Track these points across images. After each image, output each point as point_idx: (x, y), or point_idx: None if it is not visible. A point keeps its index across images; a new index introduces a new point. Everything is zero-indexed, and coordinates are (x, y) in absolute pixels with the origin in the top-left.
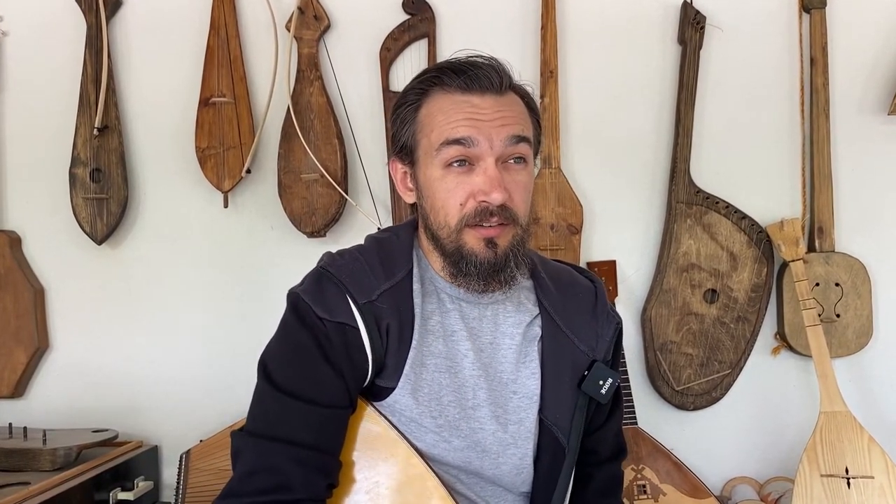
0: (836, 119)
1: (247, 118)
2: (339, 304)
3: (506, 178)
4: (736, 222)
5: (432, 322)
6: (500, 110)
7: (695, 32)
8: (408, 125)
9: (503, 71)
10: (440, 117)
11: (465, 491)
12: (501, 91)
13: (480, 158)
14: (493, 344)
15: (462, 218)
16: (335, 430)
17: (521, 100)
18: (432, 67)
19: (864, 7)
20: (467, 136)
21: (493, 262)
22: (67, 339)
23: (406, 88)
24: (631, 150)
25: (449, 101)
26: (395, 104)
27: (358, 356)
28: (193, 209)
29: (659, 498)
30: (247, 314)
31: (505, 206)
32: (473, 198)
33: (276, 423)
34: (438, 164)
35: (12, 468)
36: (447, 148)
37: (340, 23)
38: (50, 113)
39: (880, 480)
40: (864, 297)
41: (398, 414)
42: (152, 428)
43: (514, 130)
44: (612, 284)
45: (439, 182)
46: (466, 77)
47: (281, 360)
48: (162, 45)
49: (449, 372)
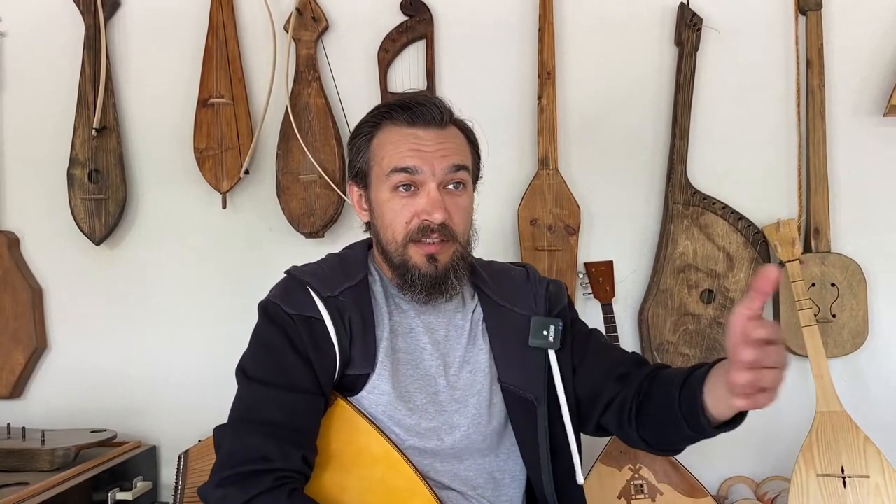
0: (832, 120)
1: (245, 119)
2: (304, 300)
3: (447, 200)
4: (732, 223)
5: (394, 320)
6: (441, 142)
7: (691, 34)
8: (362, 153)
9: (444, 108)
10: (389, 147)
11: (440, 478)
12: (443, 125)
13: (424, 184)
14: (448, 336)
15: (407, 234)
16: (308, 414)
17: (462, 133)
18: (383, 104)
19: (859, 9)
20: (412, 165)
21: (435, 276)
22: (66, 340)
23: (361, 121)
24: (628, 152)
25: (397, 134)
26: (351, 135)
27: (325, 346)
28: (192, 210)
29: (656, 497)
30: (245, 314)
31: (445, 225)
32: (417, 217)
33: (251, 408)
34: (387, 188)
35: (11, 468)
36: (395, 175)
37: (339, 24)
38: (48, 113)
39: (876, 480)
40: (859, 297)
41: (377, 399)
42: (151, 428)
43: (453, 160)
44: (610, 285)
45: (388, 204)
46: (412, 113)
47: (254, 359)
48: (160, 45)
49: (411, 364)
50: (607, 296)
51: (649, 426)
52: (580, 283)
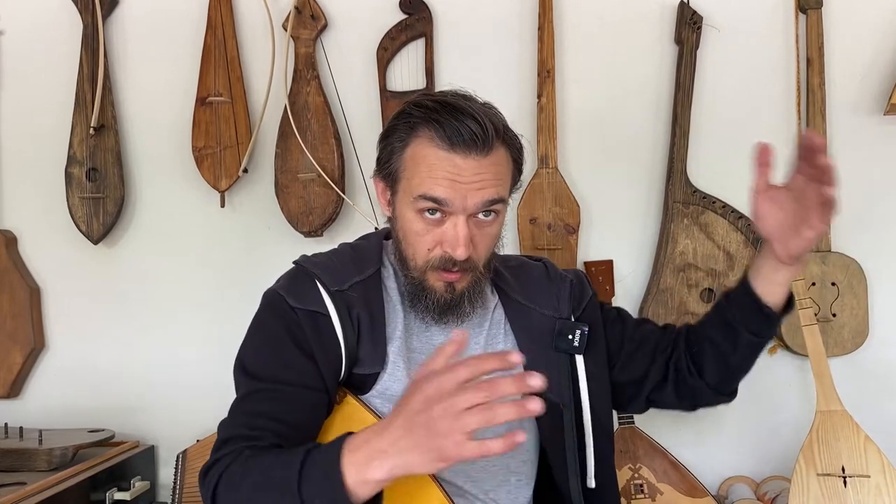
0: (833, 119)
1: (244, 118)
2: (310, 294)
3: (474, 231)
4: (733, 222)
5: (408, 319)
6: (479, 173)
7: (691, 32)
8: (394, 159)
9: (490, 128)
10: (423, 168)
11: (452, 478)
12: (486, 149)
13: (452, 214)
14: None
15: (428, 261)
16: (310, 411)
17: (507, 152)
18: (423, 104)
19: (860, 8)
20: (444, 197)
21: (450, 301)
22: (63, 339)
23: (398, 116)
24: (628, 150)
25: (433, 155)
26: (387, 127)
27: (330, 343)
28: (190, 209)
29: (656, 497)
30: (243, 313)
31: (467, 259)
32: (440, 246)
33: (251, 401)
34: (412, 208)
35: (8, 468)
36: (424, 201)
37: (337, 22)
38: (46, 112)
39: (876, 479)
40: (859, 296)
41: (389, 400)
42: (149, 428)
43: (488, 195)
44: (610, 284)
45: (411, 223)
46: (454, 132)
47: (253, 351)
48: (158, 44)
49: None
50: (607, 295)
51: (712, 366)
52: None
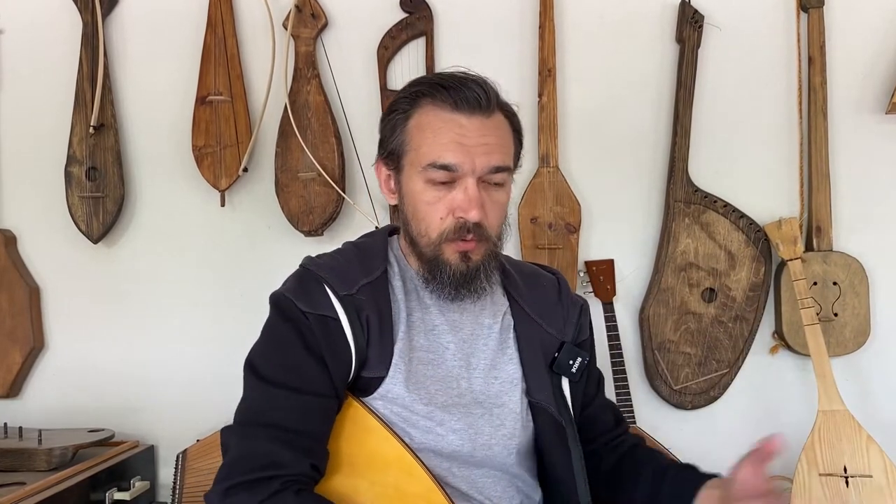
0: (834, 118)
1: (244, 116)
2: (320, 298)
3: (484, 196)
4: (734, 221)
5: (414, 318)
6: (484, 134)
7: (693, 31)
8: (397, 133)
9: (490, 89)
10: (429, 134)
11: (457, 483)
12: (488, 111)
13: (462, 178)
14: (474, 335)
15: (442, 232)
16: (320, 417)
17: (507, 120)
18: (424, 79)
19: (861, 7)
20: (453, 162)
21: (466, 273)
22: (63, 339)
23: (397, 96)
24: (629, 149)
25: (438, 119)
26: (386, 110)
27: (341, 347)
28: (190, 208)
29: None
30: (243, 313)
31: (479, 225)
32: (452, 213)
33: (261, 411)
34: (421, 179)
35: (8, 468)
36: (433, 170)
37: (338, 21)
38: (45, 111)
39: (878, 479)
40: (861, 295)
41: (391, 403)
42: (149, 428)
43: (495, 161)
44: (610, 283)
45: (421, 195)
46: (456, 94)
47: (265, 355)
48: (158, 42)
49: (432, 364)
50: (608, 294)
51: (613, 495)
52: (581, 281)
